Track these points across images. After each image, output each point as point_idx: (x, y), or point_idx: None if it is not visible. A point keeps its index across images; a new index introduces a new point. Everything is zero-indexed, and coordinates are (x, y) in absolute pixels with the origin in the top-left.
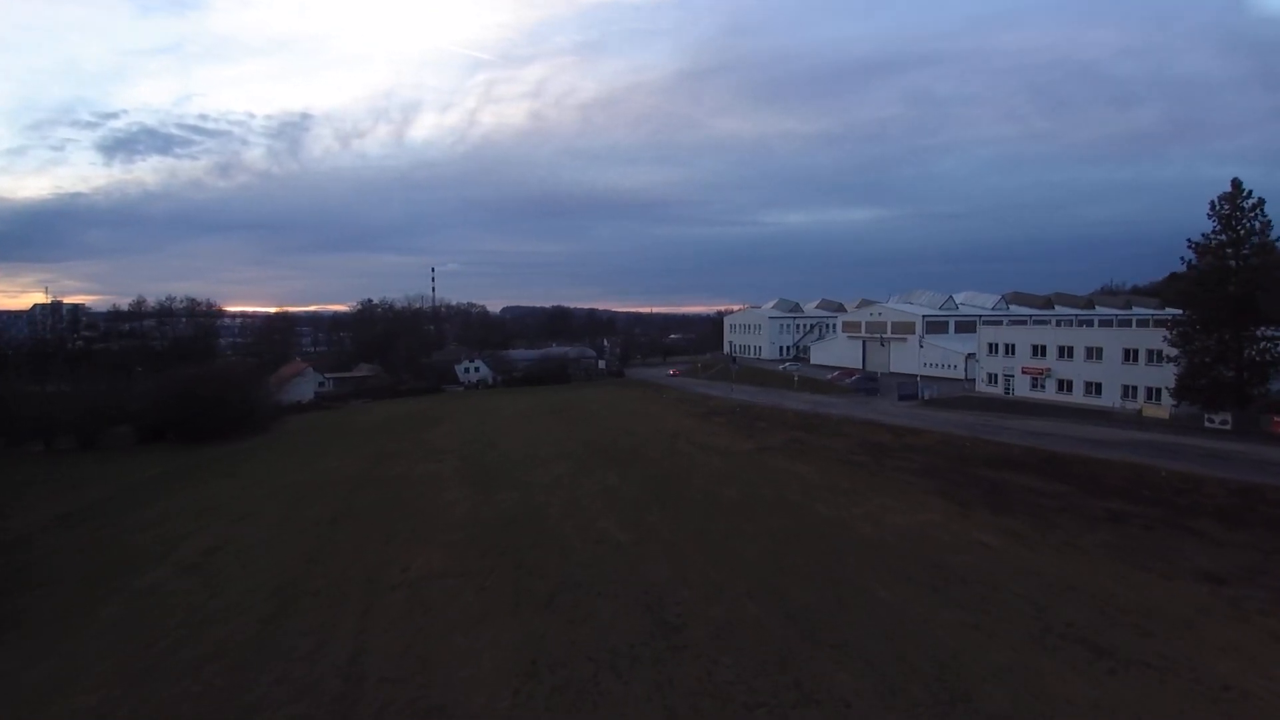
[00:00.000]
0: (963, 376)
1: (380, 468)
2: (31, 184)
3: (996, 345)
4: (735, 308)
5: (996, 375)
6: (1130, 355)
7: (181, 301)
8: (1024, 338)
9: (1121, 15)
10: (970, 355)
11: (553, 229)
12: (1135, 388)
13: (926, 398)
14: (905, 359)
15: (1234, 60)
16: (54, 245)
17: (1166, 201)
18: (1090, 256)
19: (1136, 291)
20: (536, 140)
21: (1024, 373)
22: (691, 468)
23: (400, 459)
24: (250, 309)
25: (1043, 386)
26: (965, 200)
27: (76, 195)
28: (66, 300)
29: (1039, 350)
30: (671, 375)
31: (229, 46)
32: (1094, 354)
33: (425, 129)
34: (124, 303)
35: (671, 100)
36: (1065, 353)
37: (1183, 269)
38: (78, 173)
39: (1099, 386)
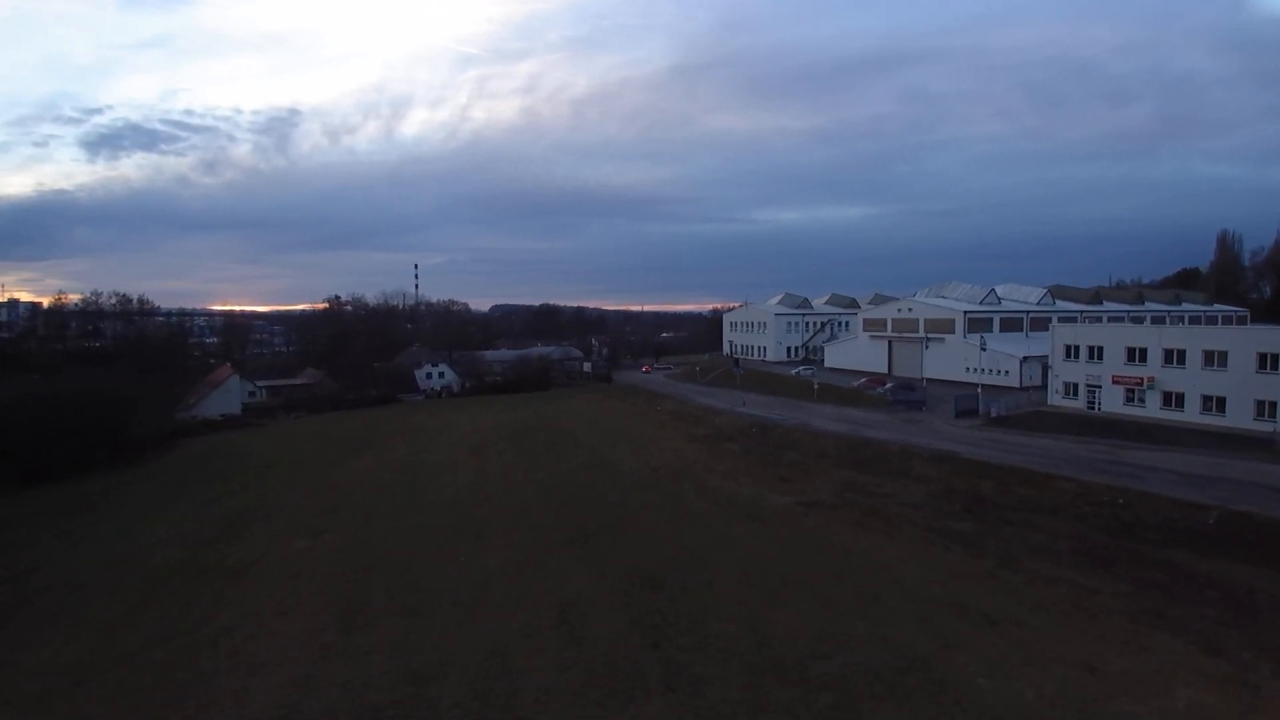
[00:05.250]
0: (1017, 384)
1: (223, 545)
2: (14, 181)
3: (1077, 348)
4: (731, 306)
5: (1077, 385)
6: (1268, 362)
7: (110, 298)
8: (1116, 338)
9: (1117, 13)
10: (1025, 359)
11: (545, 226)
12: (1274, 404)
13: (993, 414)
14: (943, 363)
15: (1228, 59)
16: (37, 243)
17: (1159, 200)
18: (1085, 254)
19: (1147, 287)
20: (529, 136)
21: (1115, 382)
22: (708, 550)
23: (268, 523)
24: (235, 308)
25: (1141, 400)
26: (959, 197)
27: (60, 192)
28: (23, 299)
29: (1136, 354)
30: (645, 372)
31: (217, 41)
32: (1215, 360)
33: (416, 125)
34: (107, 301)
35: (665, 96)
36: (1174, 358)
37: (1192, 265)
38: (61, 170)
39: (1221, 402)
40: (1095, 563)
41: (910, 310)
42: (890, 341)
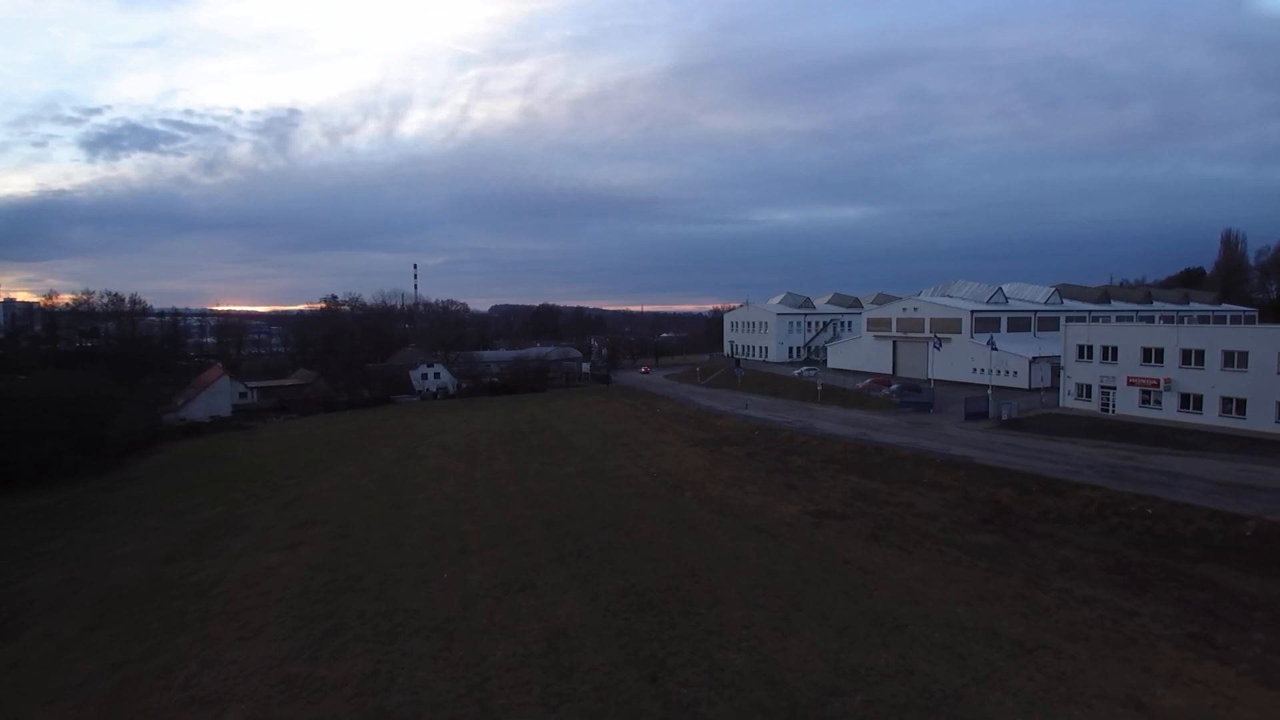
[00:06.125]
0: (1026, 385)
1: (189, 560)
2: (13, 181)
3: (1090, 348)
4: (731, 306)
5: (1090, 387)
6: None
7: (103, 297)
8: (1131, 338)
9: (1115, 13)
10: (1035, 359)
11: (544, 226)
12: None
13: (1005, 417)
14: (949, 363)
15: (1227, 59)
16: (37, 243)
17: (1159, 201)
18: (1086, 254)
19: (1153, 287)
20: (528, 137)
21: (1130, 384)
22: (711, 567)
23: (240, 536)
24: (234, 308)
25: (1157, 403)
26: (956, 198)
27: (60, 192)
28: (21, 299)
29: (1152, 355)
30: (643, 373)
31: (216, 41)
32: (1235, 360)
33: (415, 125)
34: (99, 301)
35: (664, 96)
36: (1192, 359)
37: (1194, 265)
38: (61, 170)
39: (1241, 404)
40: (1130, 581)
41: (915, 310)
42: (895, 342)
